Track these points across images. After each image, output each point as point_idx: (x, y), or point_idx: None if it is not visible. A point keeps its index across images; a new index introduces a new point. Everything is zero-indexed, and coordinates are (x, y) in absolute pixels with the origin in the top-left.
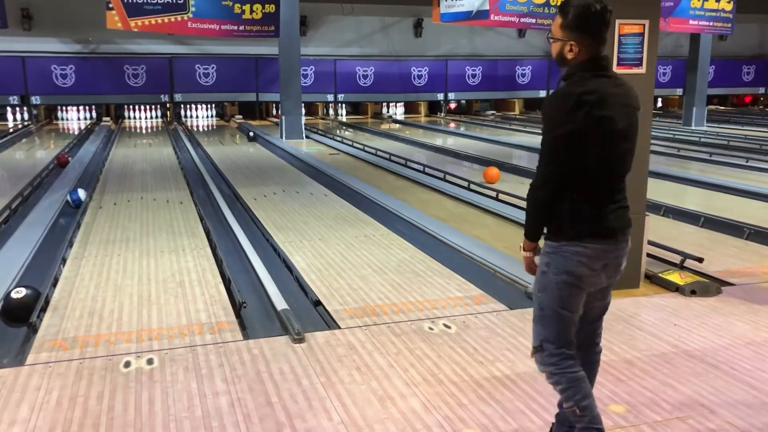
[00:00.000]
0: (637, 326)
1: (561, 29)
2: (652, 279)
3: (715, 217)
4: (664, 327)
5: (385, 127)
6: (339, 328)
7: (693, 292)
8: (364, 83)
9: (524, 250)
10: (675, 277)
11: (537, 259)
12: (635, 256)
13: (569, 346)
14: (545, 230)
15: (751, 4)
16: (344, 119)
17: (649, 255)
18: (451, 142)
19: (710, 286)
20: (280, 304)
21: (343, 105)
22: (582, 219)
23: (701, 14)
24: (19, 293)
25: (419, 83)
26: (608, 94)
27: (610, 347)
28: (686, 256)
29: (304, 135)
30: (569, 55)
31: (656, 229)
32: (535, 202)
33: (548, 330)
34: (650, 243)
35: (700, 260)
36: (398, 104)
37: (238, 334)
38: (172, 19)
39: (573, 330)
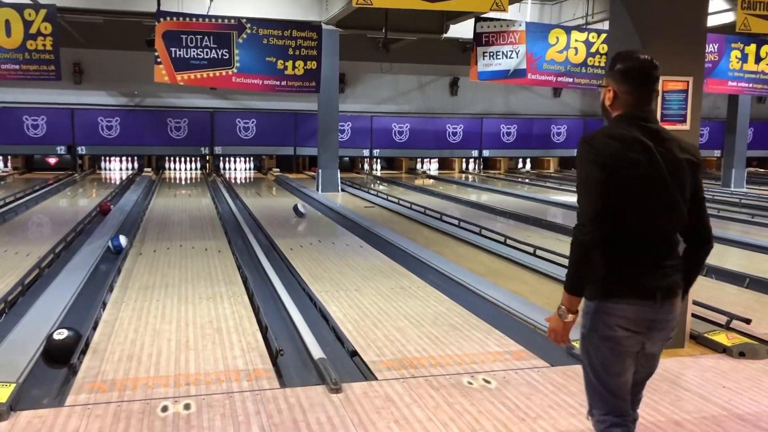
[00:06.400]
0: (684, 387)
1: (606, 77)
2: (698, 339)
3: (760, 278)
4: (713, 389)
5: (419, 182)
6: (376, 379)
7: (742, 354)
8: (400, 139)
9: (567, 310)
10: (722, 337)
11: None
12: (680, 316)
13: (616, 412)
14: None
15: None
16: (379, 174)
17: (693, 315)
18: (485, 198)
19: (760, 348)
20: (316, 353)
21: (379, 160)
22: (617, 275)
23: (740, 76)
24: (61, 335)
25: (454, 140)
26: (637, 140)
27: (657, 407)
28: (733, 317)
29: (339, 188)
30: (607, 102)
31: (699, 289)
32: (576, 246)
33: (593, 396)
34: (695, 303)
35: (748, 321)
36: (432, 160)
37: (274, 381)
38: (218, 73)
39: (622, 395)
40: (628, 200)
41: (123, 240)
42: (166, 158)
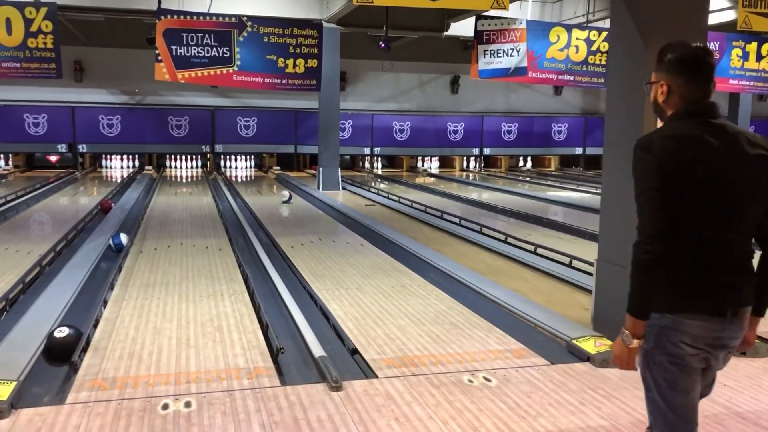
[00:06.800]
0: None
1: (655, 72)
2: None
3: None
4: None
5: (420, 180)
6: (377, 377)
7: (742, 353)
8: (401, 137)
9: (632, 335)
10: None
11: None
12: None
13: None
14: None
15: None
16: (380, 172)
17: None
18: (486, 196)
19: (760, 346)
20: (317, 351)
21: (379, 158)
22: (683, 288)
23: (741, 74)
24: (62, 332)
25: (455, 138)
26: (699, 139)
27: None
28: None
29: (340, 186)
30: (660, 98)
31: None
32: (639, 265)
33: (656, 415)
34: None
35: None
36: (433, 158)
37: (275, 379)
38: (218, 71)
39: (688, 415)
40: (693, 208)
41: (124, 238)
42: (167, 156)
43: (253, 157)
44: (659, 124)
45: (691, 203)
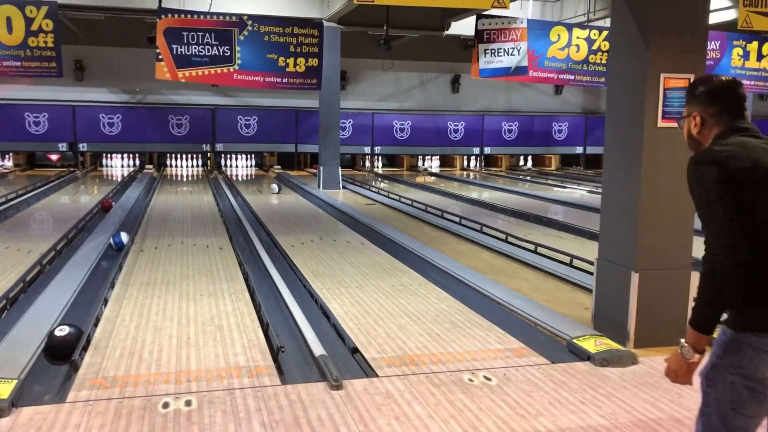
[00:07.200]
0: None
1: (687, 106)
2: None
3: None
4: None
5: (420, 179)
6: (377, 376)
7: None
8: (401, 136)
9: (693, 349)
10: None
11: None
12: (681, 313)
13: None
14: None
15: None
16: (380, 171)
17: None
18: (486, 195)
19: None
20: (317, 350)
21: (380, 157)
22: (762, 303)
23: (742, 73)
24: (62, 331)
25: (455, 137)
26: (754, 146)
27: (657, 405)
28: None
29: (341, 185)
30: (694, 130)
31: None
32: (709, 279)
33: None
34: (695, 300)
35: None
36: (434, 157)
37: (275, 378)
38: (219, 70)
39: None
40: (760, 213)
41: (124, 237)
42: (168, 155)
43: (253, 156)
44: None
45: (763, 207)
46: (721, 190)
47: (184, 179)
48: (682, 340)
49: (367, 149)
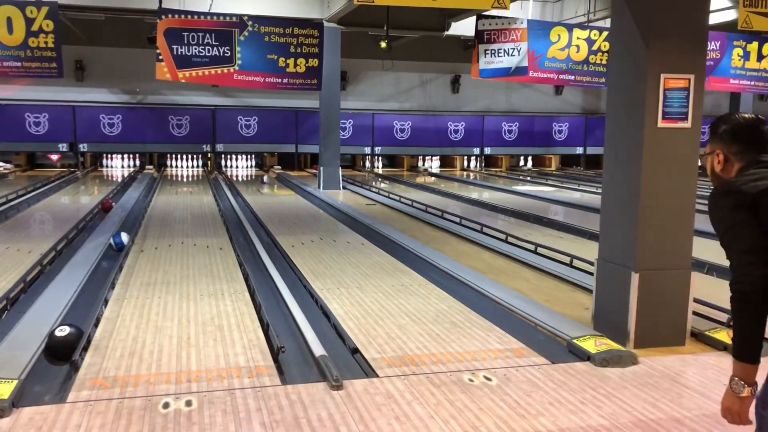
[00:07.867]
0: (684, 384)
1: (710, 143)
2: (699, 337)
3: None
4: (713, 386)
5: (420, 179)
6: (377, 376)
7: None
8: (401, 137)
9: (743, 382)
10: (722, 335)
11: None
12: (681, 313)
13: None
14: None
15: None
16: (380, 171)
17: (694, 313)
18: (486, 195)
19: None
20: (318, 350)
21: (380, 158)
22: None
23: (742, 74)
24: (62, 331)
25: (455, 138)
26: None
27: (657, 405)
28: None
29: (341, 186)
30: (717, 167)
31: (700, 286)
32: (741, 304)
33: None
34: (696, 301)
35: None
36: (434, 158)
37: (276, 378)
38: (219, 71)
39: None
40: None
41: (125, 237)
42: (168, 156)
43: (253, 156)
44: None
45: None
46: (739, 214)
47: (185, 179)
48: (732, 375)
49: (368, 149)
